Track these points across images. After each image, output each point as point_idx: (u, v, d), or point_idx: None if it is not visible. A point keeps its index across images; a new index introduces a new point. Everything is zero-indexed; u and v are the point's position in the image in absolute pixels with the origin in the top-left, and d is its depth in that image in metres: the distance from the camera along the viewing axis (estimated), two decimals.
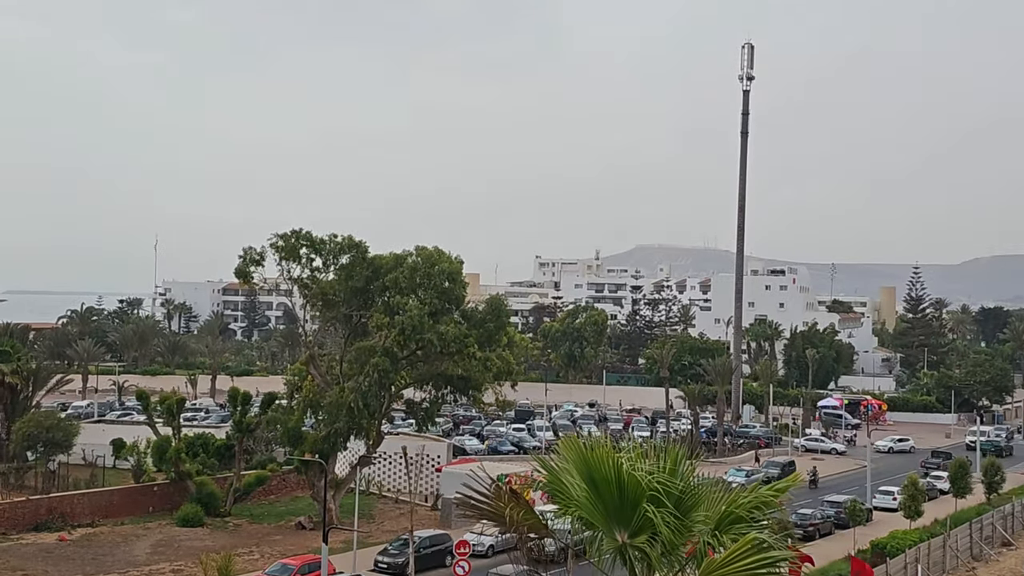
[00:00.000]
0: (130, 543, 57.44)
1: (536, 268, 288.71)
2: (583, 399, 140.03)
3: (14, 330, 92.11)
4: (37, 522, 59.68)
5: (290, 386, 65.06)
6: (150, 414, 69.79)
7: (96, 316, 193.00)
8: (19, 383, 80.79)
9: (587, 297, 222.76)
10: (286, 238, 61.12)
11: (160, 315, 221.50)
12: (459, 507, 16.11)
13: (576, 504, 14.04)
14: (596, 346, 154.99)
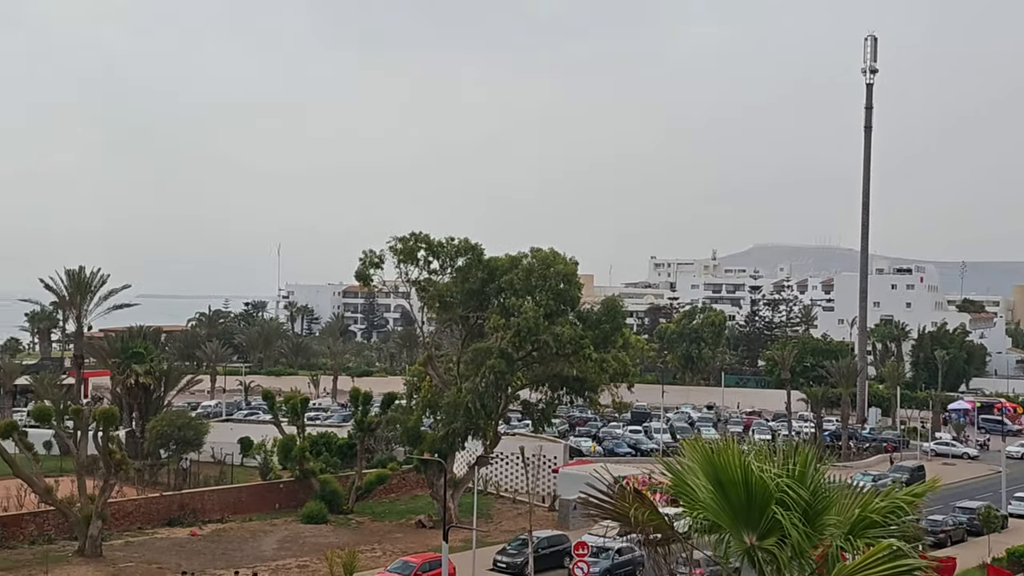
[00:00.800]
0: (257, 538, 59.05)
1: (651, 269, 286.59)
2: (701, 401, 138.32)
3: (147, 332, 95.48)
4: (170, 517, 61.88)
5: (409, 386, 65.91)
6: (275, 413, 71.59)
7: (223, 319, 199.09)
8: (152, 383, 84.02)
9: (704, 298, 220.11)
10: (404, 241, 61.98)
11: (283, 317, 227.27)
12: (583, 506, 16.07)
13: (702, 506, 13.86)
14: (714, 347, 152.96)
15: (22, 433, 55.97)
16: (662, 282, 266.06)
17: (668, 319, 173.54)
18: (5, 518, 56.78)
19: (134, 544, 56.51)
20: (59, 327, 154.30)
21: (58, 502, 54.72)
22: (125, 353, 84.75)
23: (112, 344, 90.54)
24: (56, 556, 52.64)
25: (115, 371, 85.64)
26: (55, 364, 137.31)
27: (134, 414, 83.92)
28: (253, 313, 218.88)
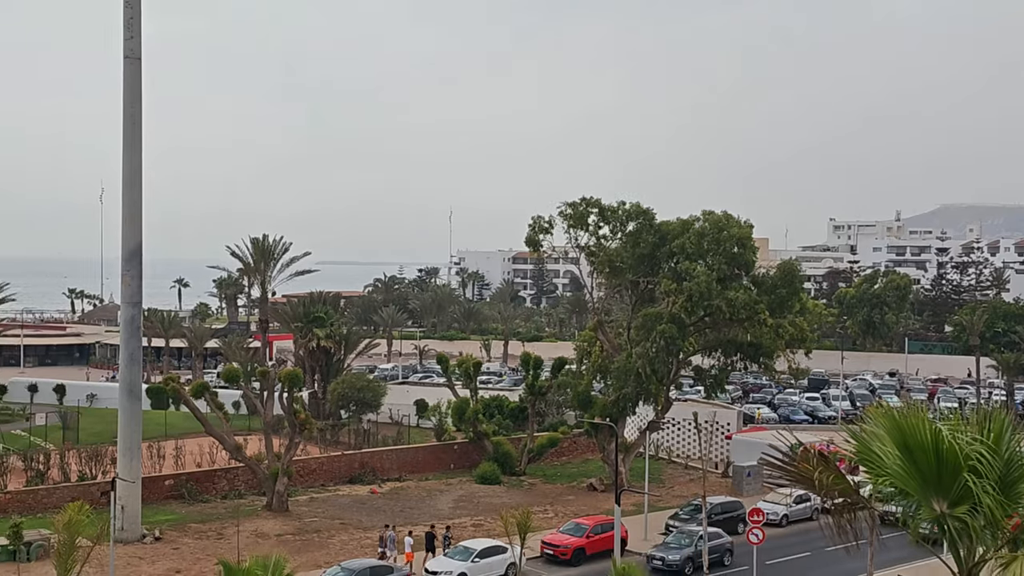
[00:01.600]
0: (434, 497, 60.71)
1: (830, 231, 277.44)
2: (882, 368, 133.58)
3: (327, 298, 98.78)
4: (351, 475, 64.27)
5: (579, 351, 66.09)
6: (449, 377, 73.14)
7: (398, 285, 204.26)
8: (332, 347, 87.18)
9: (886, 261, 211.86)
10: (575, 206, 61.93)
11: (455, 283, 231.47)
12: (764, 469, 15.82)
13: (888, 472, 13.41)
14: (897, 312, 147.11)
15: (213, 393, 59.03)
16: (841, 245, 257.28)
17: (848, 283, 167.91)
18: (199, 474, 60.23)
19: (318, 500, 59.01)
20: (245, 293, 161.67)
21: (247, 459, 57.59)
22: (307, 318, 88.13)
23: (294, 309, 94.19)
24: (246, 510, 55.51)
25: (298, 335, 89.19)
26: (242, 328, 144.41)
27: (316, 376, 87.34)
28: (426, 279, 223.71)
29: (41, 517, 50.82)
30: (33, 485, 55.71)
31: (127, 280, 51.26)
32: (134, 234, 51.18)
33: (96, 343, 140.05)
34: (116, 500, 42.99)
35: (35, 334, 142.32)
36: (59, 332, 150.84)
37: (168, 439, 67.94)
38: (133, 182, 51.23)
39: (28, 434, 72.91)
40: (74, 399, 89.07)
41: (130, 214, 51.21)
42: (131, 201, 51.24)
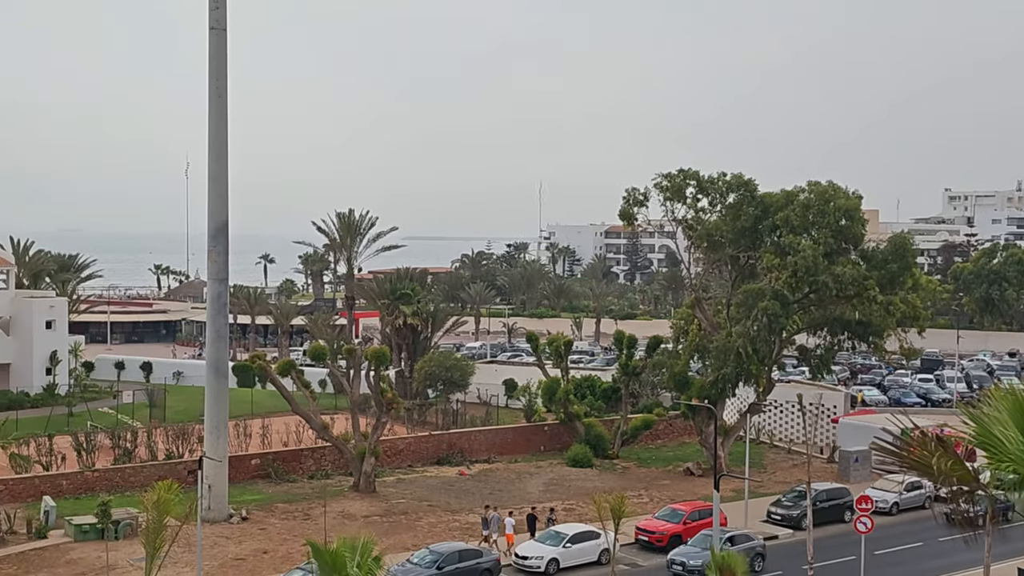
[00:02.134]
0: (523, 480, 61.04)
1: (945, 202, 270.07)
2: (1001, 348, 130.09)
3: (413, 274, 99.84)
4: (439, 456, 64.97)
5: (676, 330, 65.63)
6: (539, 355, 73.29)
7: (486, 260, 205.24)
8: (419, 324, 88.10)
9: (1007, 233, 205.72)
10: (671, 178, 61.37)
11: (545, 259, 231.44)
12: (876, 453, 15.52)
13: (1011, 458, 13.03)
14: (1018, 289, 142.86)
15: (299, 371, 60.19)
16: (957, 217, 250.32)
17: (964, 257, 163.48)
18: (285, 453, 61.52)
19: (405, 481, 59.82)
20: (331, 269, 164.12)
21: (334, 439, 58.63)
22: (393, 294, 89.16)
23: (381, 285, 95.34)
24: (333, 490, 56.56)
25: (384, 312, 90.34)
26: (327, 305, 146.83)
27: (402, 354, 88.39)
28: (515, 255, 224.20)
29: (128, 495, 52.51)
30: (120, 463, 57.52)
31: (213, 256, 52.41)
32: (220, 209, 52.26)
33: (182, 320, 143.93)
34: (203, 479, 44.14)
35: (121, 311, 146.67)
36: (145, 309, 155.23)
37: (254, 418, 69.50)
38: (219, 156, 52.26)
39: (115, 412, 75.27)
40: (160, 377, 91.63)
41: (216, 189, 52.28)
42: (217, 176, 52.28)
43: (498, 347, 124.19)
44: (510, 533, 46.99)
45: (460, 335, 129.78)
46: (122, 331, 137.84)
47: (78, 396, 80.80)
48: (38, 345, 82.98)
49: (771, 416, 74.04)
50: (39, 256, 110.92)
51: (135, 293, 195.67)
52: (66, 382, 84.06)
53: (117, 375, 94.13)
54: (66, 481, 54.06)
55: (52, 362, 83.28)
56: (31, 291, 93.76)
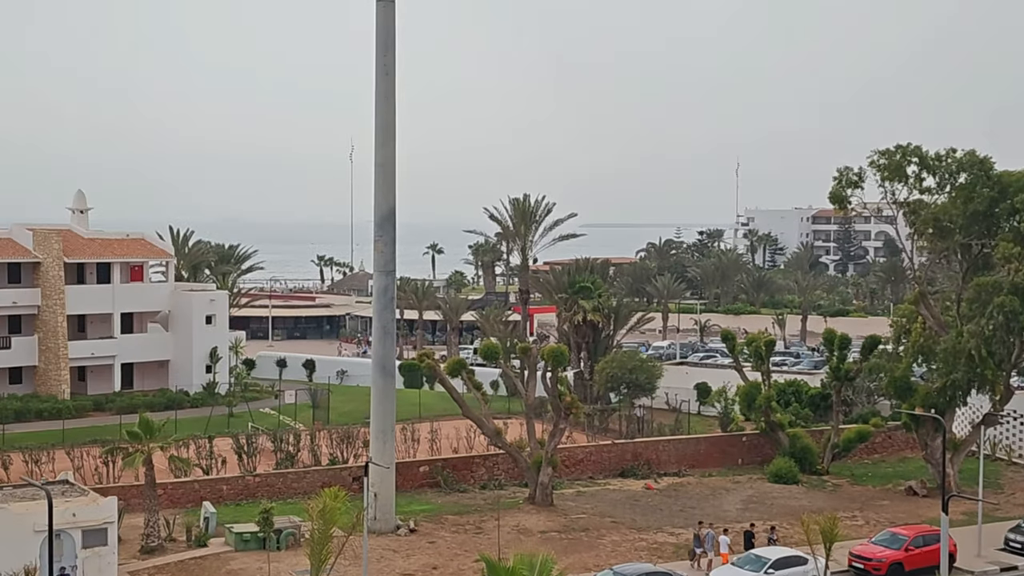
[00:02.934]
0: (718, 496, 60.27)
1: None
2: None
3: (594, 265, 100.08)
4: (623, 468, 64.82)
5: (896, 329, 63.57)
6: (736, 357, 72.27)
7: (675, 250, 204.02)
8: (600, 321, 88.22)
9: None
10: (889, 155, 59.48)
11: (742, 247, 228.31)
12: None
13: None
14: None
15: (470, 371, 61.00)
16: None
17: None
18: (455, 460, 62.53)
19: (585, 494, 59.92)
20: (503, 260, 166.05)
21: (507, 446, 59.23)
22: (572, 288, 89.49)
23: (558, 278, 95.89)
24: (507, 502, 57.10)
25: (561, 307, 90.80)
26: (500, 299, 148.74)
27: (582, 354, 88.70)
28: (708, 243, 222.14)
29: (291, 503, 54.37)
30: (282, 468, 59.66)
31: (380, 246, 53.60)
32: (387, 196, 53.38)
33: (346, 315, 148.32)
34: (369, 487, 45.23)
35: (283, 305, 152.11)
36: (308, 303, 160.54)
37: (422, 421, 70.94)
38: (386, 138, 53.37)
39: (277, 413, 78.16)
40: (324, 375, 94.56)
41: (383, 173, 53.42)
42: (384, 159, 53.41)
43: (689, 347, 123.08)
44: (725, 552, 46.56)
45: (646, 333, 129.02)
46: (284, 327, 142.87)
47: (239, 396, 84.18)
48: (198, 341, 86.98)
49: (1010, 428, 70.96)
50: (199, 247, 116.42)
51: (297, 286, 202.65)
52: (226, 380, 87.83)
53: (279, 373, 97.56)
54: (226, 486, 56.42)
55: (212, 359, 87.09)
56: (191, 284, 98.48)
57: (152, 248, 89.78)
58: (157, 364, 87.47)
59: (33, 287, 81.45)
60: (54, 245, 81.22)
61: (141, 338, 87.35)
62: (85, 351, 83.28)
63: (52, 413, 75.06)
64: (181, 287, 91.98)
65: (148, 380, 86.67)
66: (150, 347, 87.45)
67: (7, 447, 62.59)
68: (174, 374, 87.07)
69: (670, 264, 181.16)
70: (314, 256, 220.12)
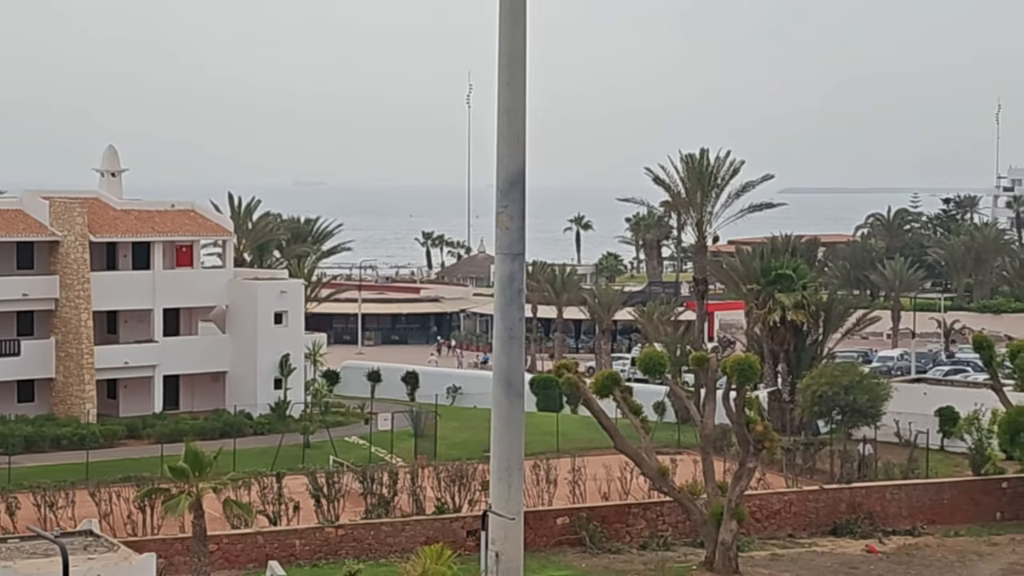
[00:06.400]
0: (968, 564, 59.13)
1: None
2: None
3: (796, 245, 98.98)
4: (835, 523, 64.01)
5: None
6: (994, 372, 70.87)
7: (910, 224, 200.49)
8: (806, 321, 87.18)
9: None
10: None
11: (1005, 220, 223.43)
12: None
13: None
14: None
15: (626, 389, 60.79)
16: None
17: None
18: (605, 509, 62.41)
19: (783, 559, 59.30)
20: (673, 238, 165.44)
21: (675, 491, 58.87)
22: (766, 276, 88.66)
23: (747, 263, 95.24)
24: (676, 568, 56.95)
25: (752, 302, 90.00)
26: (668, 291, 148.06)
27: (779, 367, 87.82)
28: (957, 215, 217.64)
29: (384, 564, 54.86)
30: (374, 517, 60.12)
31: (504, 220, 53.40)
32: (515, 152, 53.08)
33: (460, 312, 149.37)
34: (488, 544, 45.37)
35: (377, 298, 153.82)
36: (410, 296, 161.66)
37: (561, 456, 70.91)
38: (514, 75, 53.02)
39: (368, 443, 78.93)
40: (430, 392, 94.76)
41: (509, 122, 53.09)
42: (511, 103, 53.05)
43: (929, 357, 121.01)
44: None
45: (869, 339, 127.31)
46: (378, 327, 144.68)
47: (317, 420, 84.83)
48: (264, 347, 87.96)
49: None
50: (266, 221, 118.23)
51: (396, 273, 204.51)
52: (301, 399, 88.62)
53: (371, 389, 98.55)
54: (300, 540, 57.04)
55: (283, 371, 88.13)
56: (255, 271, 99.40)
57: (205, 223, 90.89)
58: (211, 377, 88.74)
59: (49, 274, 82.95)
60: (77, 219, 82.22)
61: (190, 342, 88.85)
62: (117, 359, 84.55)
63: (73, 441, 76.33)
64: (243, 275, 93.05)
65: (199, 398, 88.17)
66: (202, 354, 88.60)
67: (15, 486, 63.96)
68: (233, 390, 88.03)
69: (903, 244, 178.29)
70: (418, 233, 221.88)
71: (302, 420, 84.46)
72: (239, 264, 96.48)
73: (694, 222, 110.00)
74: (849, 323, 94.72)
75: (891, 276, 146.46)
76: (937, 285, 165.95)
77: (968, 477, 70.53)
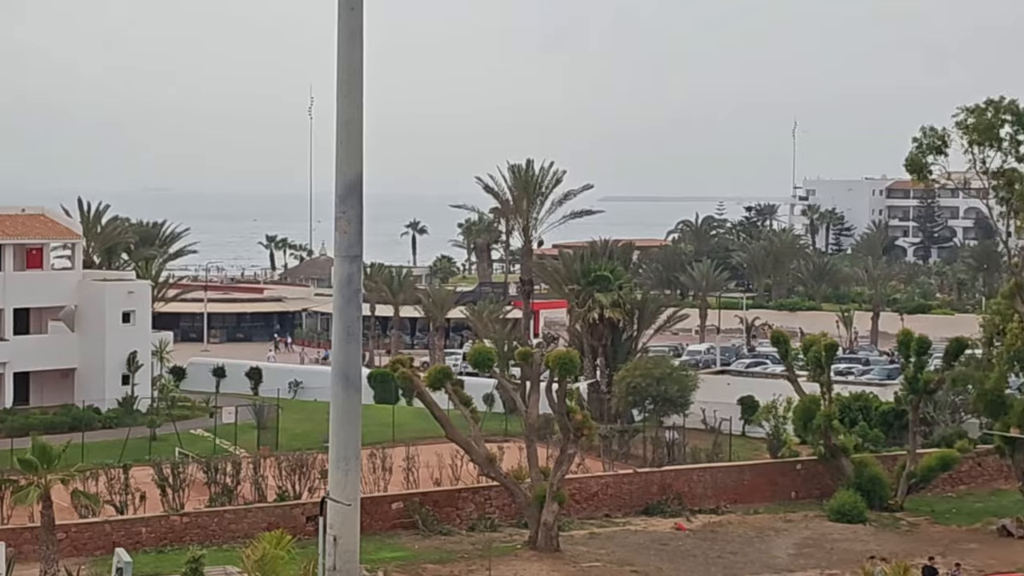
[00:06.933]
0: (766, 539, 60.45)
1: None
2: None
3: (614, 249, 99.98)
4: (647, 503, 65.00)
5: (988, 329, 63.93)
6: (790, 364, 72.36)
7: (716, 230, 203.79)
8: (621, 319, 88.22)
9: None
10: (979, 112, 59.73)
11: (800, 227, 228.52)
12: None
13: None
14: None
15: (457, 383, 60.99)
16: None
17: None
18: (437, 494, 62.60)
19: (600, 537, 59.98)
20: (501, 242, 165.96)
21: (503, 476, 59.24)
22: (586, 277, 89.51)
23: (569, 265, 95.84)
24: (501, 547, 57.13)
25: (573, 301, 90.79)
26: (497, 291, 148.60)
27: (598, 360, 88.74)
28: (758, 222, 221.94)
29: (227, 549, 54.29)
30: (218, 505, 59.62)
31: (342, 225, 53.09)
32: (353, 161, 52.64)
33: (303, 311, 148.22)
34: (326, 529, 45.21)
35: (223, 298, 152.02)
36: (254, 296, 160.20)
37: (396, 445, 70.94)
38: (351, 90, 52.65)
39: (212, 435, 78.13)
40: (272, 387, 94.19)
41: (347, 132, 52.92)
42: (349, 115, 52.71)
43: (732, 351, 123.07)
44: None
45: (679, 334, 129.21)
46: (223, 325, 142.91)
47: (163, 414, 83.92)
48: (112, 345, 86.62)
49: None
50: (114, 225, 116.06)
51: (241, 274, 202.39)
52: (148, 394, 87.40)
53: (216, 385, 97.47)
54: (146, 528, 56.42)
55: (131, 367, 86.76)
56: (103, 272, 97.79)
57: (55, 226, 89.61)
58: (60, 374, 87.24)
59: None
60: None
61: (40, 340, 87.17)
62: None
63: None
64: (91, 276, 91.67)
65: (49, 394, 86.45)
66: (51, 352, 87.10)
67: None
68: (82, 386, 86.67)
69: (710, 248, 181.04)
70: (262, 236, 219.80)
71: (149, 414, 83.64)
72: (88, 266, 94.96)
73: (521, 227, 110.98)
74: (661, 320, 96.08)
75: (699, 277, 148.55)
76: (740, 285, 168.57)
77: (766, 460, 72.16)
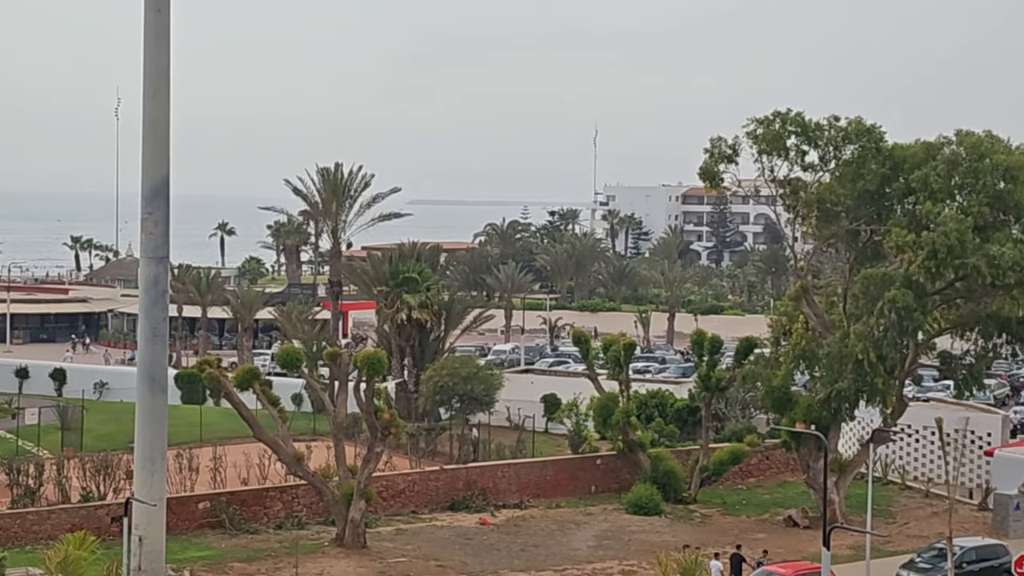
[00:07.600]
0: (567, 532, 61.36)
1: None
2: None
3: (422, 251, 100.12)
4: (453, 499, 65.39)
5: (775, 329, 65.66)
6: (590, 363, 73.44)
7: (521, 233, 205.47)
8: (429, 319, 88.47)
9: None
10: (767, 123, 61.33)
11: (601, 231, 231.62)
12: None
13: None
14: None
15: (265, 383, 60.61)
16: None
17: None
18: (244, 493, 62.06)
19: (406, 533, 60.20)
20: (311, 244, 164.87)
21: (310, 475, 59.05)
22: (394, 279, 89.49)
23: (377, 267, 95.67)
24: (309, 545, 56.94)
25: (382, 303, 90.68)
26: (306, 292, 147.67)
27: (406, 360, 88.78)
28: (561, 226, 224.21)
29: (30, 551, 52.91)
30: (20, 507, 58.19)
31: (149, 226, 52.62)
32: (159, 162, 52.42)
33: (109, 312, 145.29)
34: (132, 529, 44.72)
35: (25, 299, 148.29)
36: (59, 297, 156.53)
37: (203, 445, 70.15)
38: (157, 90, 52.44)
39: (15, 436, 76.20)
40: (77, 388, 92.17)
41: (154, 135, 52.46)
42: (156, 116, 52.43)
43: (536, 351, 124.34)
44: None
45: (485, 334, 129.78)
46: (27, 326, 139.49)
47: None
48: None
49: (903, 447, 73.92)
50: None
51: (44, 275, 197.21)
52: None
53: (19, 386, 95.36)
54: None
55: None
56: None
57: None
58: None
59: None
60: None
61: None
62: None
63: None
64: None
65: None
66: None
67: None
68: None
69: (515, 251, 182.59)
70: (67, 237, 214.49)
71: None
72: None
73: (330, 229, 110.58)
74: (467, 321, 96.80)
75: (504, 279, 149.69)
76: (544, 287, 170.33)
77: (568, 456, 73.07)
